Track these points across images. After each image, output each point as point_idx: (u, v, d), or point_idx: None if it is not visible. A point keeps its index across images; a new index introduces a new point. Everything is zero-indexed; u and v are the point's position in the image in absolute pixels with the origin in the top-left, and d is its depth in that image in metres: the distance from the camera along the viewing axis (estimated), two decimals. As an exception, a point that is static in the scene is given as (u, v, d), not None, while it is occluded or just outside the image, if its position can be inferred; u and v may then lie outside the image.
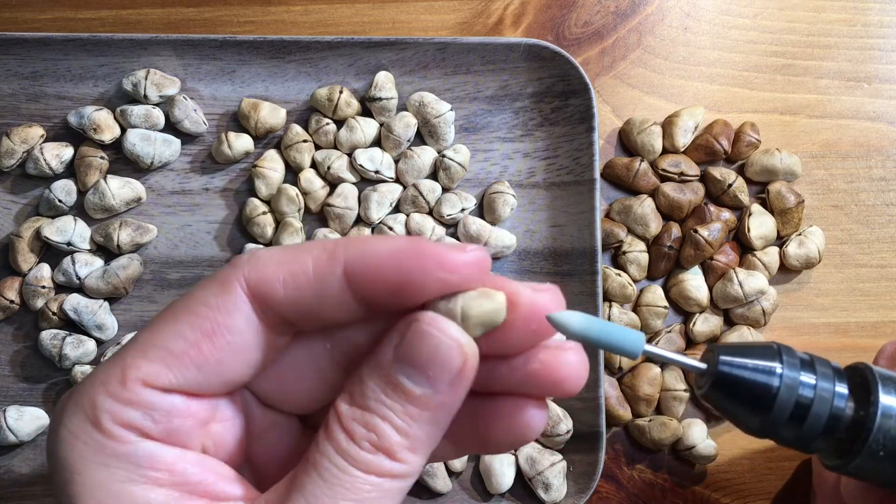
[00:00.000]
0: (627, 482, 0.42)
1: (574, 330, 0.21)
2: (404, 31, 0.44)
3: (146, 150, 0.41)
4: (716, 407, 0.23)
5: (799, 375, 0.22)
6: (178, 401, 0.21)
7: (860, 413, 0.23)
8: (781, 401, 0.22)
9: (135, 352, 0.21)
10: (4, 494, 0.40)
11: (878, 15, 0.45)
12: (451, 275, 0.20)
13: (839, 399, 0.22)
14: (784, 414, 0.22)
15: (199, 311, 0.21)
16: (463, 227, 0.42)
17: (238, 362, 0.21)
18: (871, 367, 0.23)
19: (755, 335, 0.42)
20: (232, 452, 0.23)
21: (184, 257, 0.42)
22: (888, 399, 0.22)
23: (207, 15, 0.44)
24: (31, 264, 0.41)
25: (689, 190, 0.43)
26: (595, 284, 0.40)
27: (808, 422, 0.22)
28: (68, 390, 0.22)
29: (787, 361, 0.22)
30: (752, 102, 0.45)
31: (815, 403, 0.22)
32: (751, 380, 0.22)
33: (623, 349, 0.21)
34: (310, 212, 0.42)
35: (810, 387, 0.22)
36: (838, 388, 0.23)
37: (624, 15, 0.45)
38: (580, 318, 0.21)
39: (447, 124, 0.41)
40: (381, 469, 0.20)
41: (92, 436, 0.20)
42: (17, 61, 0.42)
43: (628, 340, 0.21)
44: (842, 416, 0.22)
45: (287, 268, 0.21)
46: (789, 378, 0.22)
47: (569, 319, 0.21)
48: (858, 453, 0.22)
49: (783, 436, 0.23)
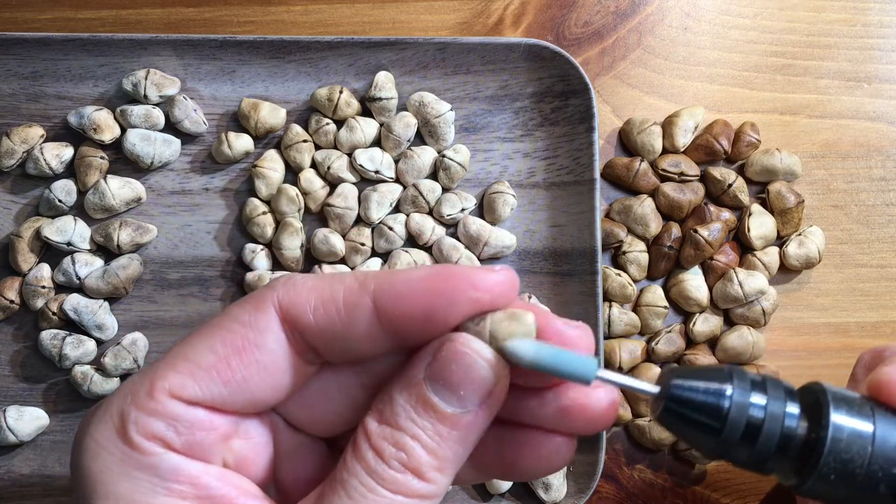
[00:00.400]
0: (627, 482, 0.42)
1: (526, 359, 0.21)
2: (404, 31, 0.44)
3: (146, 150, 0.41)
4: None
5: (749, 396, 0.22)
6: (202, 414, 0.21)
7: (812, 435, 0.22)
8: (732, 421, 0.22)
9: (165, 364, 0.21)
10: (4, 494, 0.40)
11: (878, 15, 0.45)
12: (482, 294, 0.20)
13: (790, 419, 0.22)
14: (735, 434, 0.22)
15: (232, 326, 0.21)
16: (463, 227, 0.42)
17: (264, 382, 0.21)
18: (825, 386, 0.23)
19: (755, 335, 0.42)
20: (259, 472, 0.23)
21: (184, 257, 0.42)
22: (840, 419, 0.22)
23: (207, 15, 0.44)
24: (31, 264, 0.41)
25: (689, 190, 0.43)
26: (595, 284, 0.40)
27: (759, 442, 0.22)
28: (96, 403, 0.22)
29: (737, 383, 0.22)
30: (752, 102, 0.45)
31: (766, 423, 0.22)
32: (702, 402, 0.22)
33: (575, 376, 0.21)
34: (310, 212, 0.42)
35: (761, 407, 0.22)
36: (789, 408, 0.23)
37: (624, 15, 0.45)
38: (531, 346, 0.21)
39: (447, 124, 0.41)
40: (409, 489, 0.20)
41: (118, 446, 0.20)
42: (17, 61, 0.42)
43: (581, 367, 0.21)
44: (794, 435, 0.22)
45: (318, 294, 0.21)
46: (739, 399, 0.22)
47: (520, 349, 0.21)
48: (811, 475, 0.22)
49: (737, 457, 0.23)
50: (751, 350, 0.41)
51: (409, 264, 0.40)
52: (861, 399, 0.23)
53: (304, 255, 0.41)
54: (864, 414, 0.23)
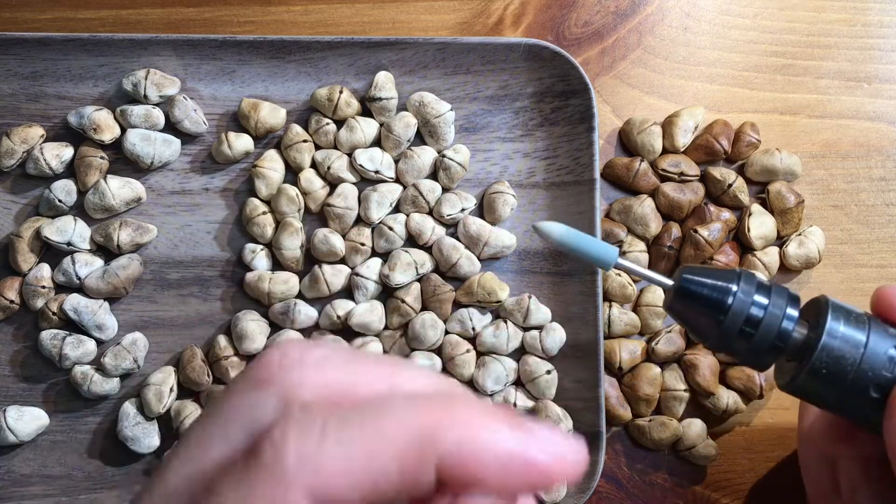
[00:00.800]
0: (627, 482, 0.42)
1: (555, 238, 0.25)
2: (404, 31, 0.44)
3: (146, 150, 0.41)
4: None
5: (753, 295, 0.24)
6: None
7: (809, 335, 0.24)
8: (733, 314, 0.24)
9: None
10: (4, 494, 0.40)
11: (878, 15, 0.45)
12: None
13: (788, 320, 0.24)
14: (735, 327, 0.24)
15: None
16: (463, 227, 0.42)
17: None
18: (828, 298, 0.25)
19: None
20: None
21: (184, 257, 0.42)
22: (836, 324, 0.24)
23: (207, 15, 0.44)
24: (31, 264, 0.41)
25: (689, 190, 0.43)
26: (595, 284, 0.40)
27: (757, 337, 0.24)
28: None
29: (744, 283, 0.24)
30: (752, 102, 0.45)
31: (765, 319, 0.24)
32: (708, 295, 0.25)
33: (597, 259, 0.25)
34: (310, 212, 0.42)
35: (762, 306, 0.24)
36: (789, 310, 0.25)
37: (624, 15, 0.45)
38: (561, 228, 0.25)
39: (447, 124, 0.41)
40: None
41: None
42: (17, 61, 0.42)
43: (603, 252, 0.25)
44: (789, 335, 0.24)
45: (363, 477, 0.17)
46: (743, 296, 0.24)
47: (551, 228, 0.25)
48: (804, 370, 0.24)
49: (736, 349, 0.25)
50: (751, 350, 0.41)
51: (409, 264, 0.40)
52: (861, 313, 0.25)
53: (304, 255, 0.41)
54: (860, 323, 0.24)
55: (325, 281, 0.41)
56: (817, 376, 0.24)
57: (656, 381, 0.41)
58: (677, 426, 0.41)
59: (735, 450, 0.42)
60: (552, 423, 0.40)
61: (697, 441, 0.41)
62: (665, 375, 0.42)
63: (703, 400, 0.42)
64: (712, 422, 0.42)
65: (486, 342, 0.41)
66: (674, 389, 0.41)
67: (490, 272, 0.42)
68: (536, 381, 0.41)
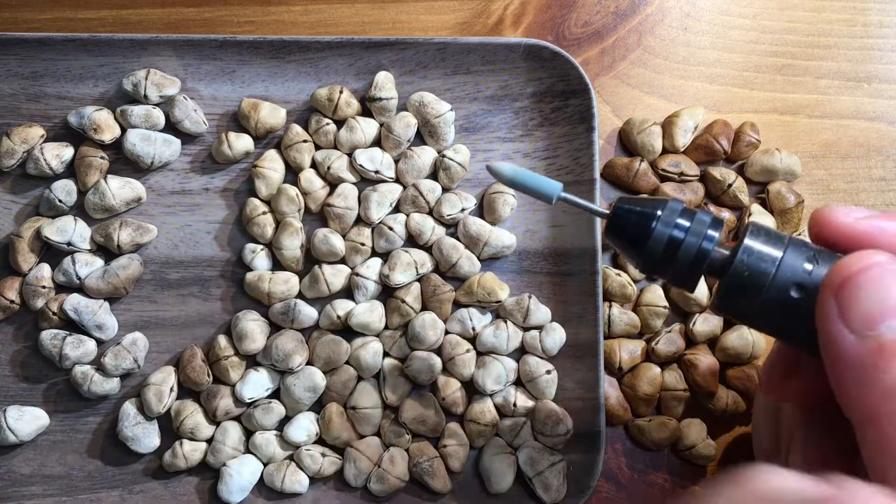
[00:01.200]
0: (627, 482, 0.42)
1: (506, 175, 0.28)
2: (404, 31, 0.44)
3: (146, 150, 0.41)
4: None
5: (675, 219, 0.26)
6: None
7: (729, 255, 0.26)
8: (656, 237, 0.26)
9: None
10: (4, 494, 0.40)
11: (878, 15, 0.45)
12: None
13: (708, 241, 0.26)
14: (658, 249, 0.26)
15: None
16: (463, 227, 0.42)
17: None
18: (754, 222, 0.26)
19: (755, 335, 0.42)
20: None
21: (184, 257, 0.42)
22: (753, 242, 0.25)
23: (207, 15, 0.44)
24: (32, 264, 0.41)
25: (689, 190, 0.43)
26: (595, 284, 0.40)
27: (678, 258, 0.26)
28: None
29: (668, 209, 0.26)
30: (752, 102, 0.45)
31: (686, 242, 0.26)
32: (635, 221, 0.27)
33: (542, 193, 0.28)
34: (310, 212, 0.42)
35: (683, 229, 0.26)
36: (709, 232, 0.26)
37: (624, 15, 0.45)
38: (510, 167, 0.28)
39: (447, 124, 0.41)
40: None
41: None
42: (17, 61, 0.42)
43: (547, 187, 0.28)
44: (708, 254, 0.26)
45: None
46: (665, 221, 0.26)
47: (502, 168, 0.28)
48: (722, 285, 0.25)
49: (661, 270, 0.27)
50: (751, 350, 0.41)
51: (409, 264, 0.40)
52: (784, 234, 0.26)
53: (304, 255, 0.41)
54: (779, 240, 0.25)
55: (325, 281, 0.41)
56: (735, 290, 0.25)
57: (656, 381, 0.41)
58: (677, 426, 0.41)
59: (735, 450, 0.42)
60: (553, 423, 0.40)
61: (697, 441, 0.41)
62: (665, 375, 0.42)
63: (703, 400, 0.42)
64: (712, 422, 0.42)
65: (486, 342, 0.41)
66: (674, 389, 0.41)
67: (490, 272, 0.42)
68: (536, 381, 0.41)
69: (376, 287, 0.41)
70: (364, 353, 0.40)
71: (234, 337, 0.41)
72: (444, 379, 0.41)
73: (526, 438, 0.41)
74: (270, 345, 0.40)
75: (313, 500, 0.41)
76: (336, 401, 0.41)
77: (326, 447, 0.41)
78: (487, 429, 0.40)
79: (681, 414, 0.42)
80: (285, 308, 0.41)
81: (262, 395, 0.40)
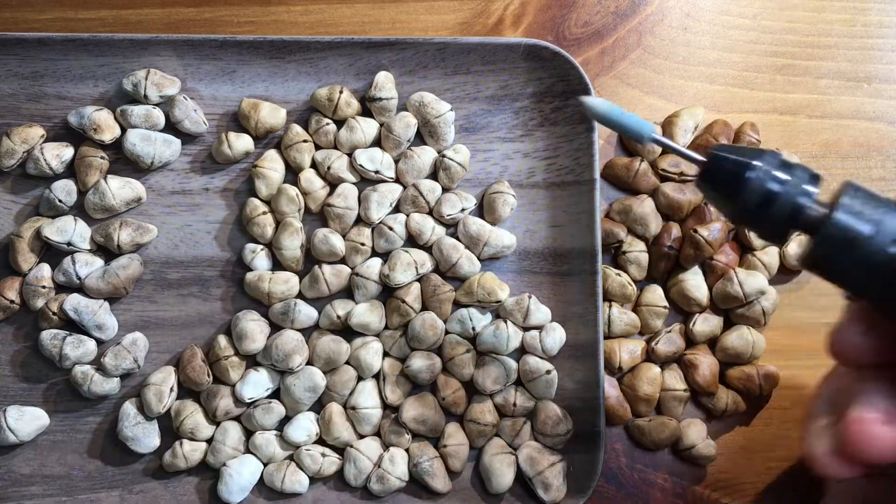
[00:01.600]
0: (627, 482, 0.42)
1: (598, 111, 0.29)
2: (404, 31, 0.45)
3: (146, 150, 0.41)
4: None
5: (773, 172, 0.25)
6: None
7: (826, 212, 0.25)
8: (752, 189, 0.25)
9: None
10: (4, 494, 0.40)
11: (878, 15, 0.45)
12: None
13: (804, 197, 0.25)
14: (752, 200, 0.25)
15: None
16: (463, 227, 0.42)
17: None
18: (852, 182, 0.26)
19: (755, 335, 0.42)
20: None
21: (184, 257, 0.42)
22: (853, 201, 0.25)
23: (207, 15, 0.44)
24: (32, 264, 0.41)
25: (689, 190, 0.43)
26: (595, 284, 0.40)
27: (773, 210, 0.25)
28: None
29: (767, 160, 0.26)
30: (752, 102, 0.45)
31: (782, 195, 0.25)
32: (731, 170, 0.26)
33: (634, 132, 0.29)
34: (310, 212, 0.42)
35: (780, 181, 0.25)
36: (806, 187, 0.25)
37: (624, 15, 0.45)
38: (604, 103, 0.29)
39: (447, 124, 0.42)
40: None
41: None
42: (18, 61, 0.42)
43: (639, 127, 0.29)
44: (803, 209, 0.25)
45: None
46: (763, 172, 0.25)
47: (594, 103, 0.29)
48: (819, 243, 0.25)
49: (753, 222, 0.26)
50: (751, 350, 0.41)
51: (409, 264, 0.40)
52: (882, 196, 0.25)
53: (304, 255, 0.41)
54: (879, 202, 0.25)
55: (325, 281, 0.41)
56: (829, 248, 0.24)
57: (656, 381, 0.41)
58: (677, 426, 0.41)
59: (735, 450, 0.42)
60: (553, 423, 0.40)
61: (697, 441, 0.41)
62: (665, 375, 0.42)
63: (703, 400, 0.42)
64: (712, 422, 0.42)
65: (486, 342, 0.41)
66: (674, 389, 0.41)
67: (490, 272, 0.42)
68: (536, 381, 0.41)
69: (376, 287, 0.41)
70: (364, 353, 0.40)
71: (234, 337, 0.41)
72: (444, 379, 0.41)
73: (526, 438, 0.41)
74: (270, 345, 0.40)
75: (313, 500, 0.41)
76: (336, 401, 0.41)
77: (326, 447, 0.41)
78: (487, 429, 0.40)
79: (681, 414, 0.42)
80: (285, 308, 0.41)
81: (262, 395, 0.40)
